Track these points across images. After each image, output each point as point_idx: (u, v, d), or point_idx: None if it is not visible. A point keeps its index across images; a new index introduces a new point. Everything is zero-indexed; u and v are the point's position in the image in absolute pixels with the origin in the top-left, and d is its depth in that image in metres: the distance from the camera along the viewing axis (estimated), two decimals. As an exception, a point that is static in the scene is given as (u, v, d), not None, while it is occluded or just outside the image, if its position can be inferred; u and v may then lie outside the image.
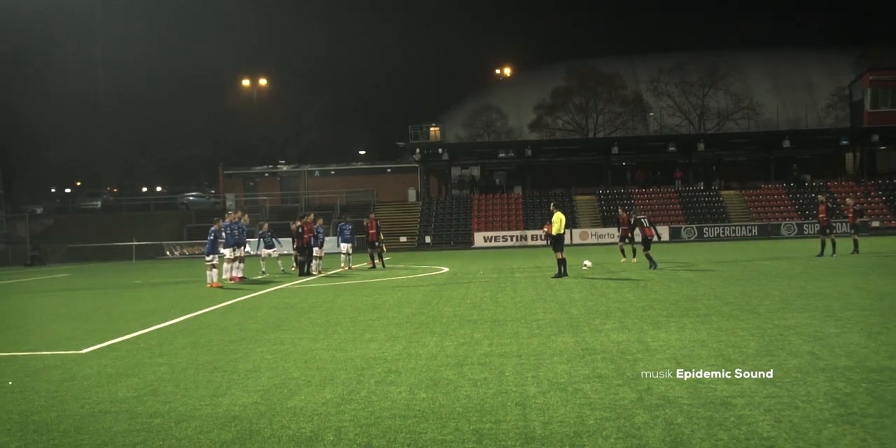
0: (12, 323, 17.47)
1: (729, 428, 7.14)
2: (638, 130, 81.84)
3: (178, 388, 9.31)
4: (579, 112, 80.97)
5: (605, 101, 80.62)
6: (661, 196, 65.93)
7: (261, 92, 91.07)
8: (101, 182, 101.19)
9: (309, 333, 13.56)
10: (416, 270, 31.07)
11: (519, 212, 65.03)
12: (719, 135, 72.59)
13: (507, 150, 70.48)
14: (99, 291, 27.01)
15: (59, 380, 10.07)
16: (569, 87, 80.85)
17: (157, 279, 31.71)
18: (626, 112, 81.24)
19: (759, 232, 58.71)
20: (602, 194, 66.06)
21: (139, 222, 66.95)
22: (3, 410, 8.50)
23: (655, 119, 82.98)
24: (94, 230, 65.20)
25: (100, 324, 16.45)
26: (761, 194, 64.98)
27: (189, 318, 16.72)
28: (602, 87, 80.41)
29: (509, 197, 67.92)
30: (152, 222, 67.02)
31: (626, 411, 7.72)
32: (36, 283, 33.31)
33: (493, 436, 7.11)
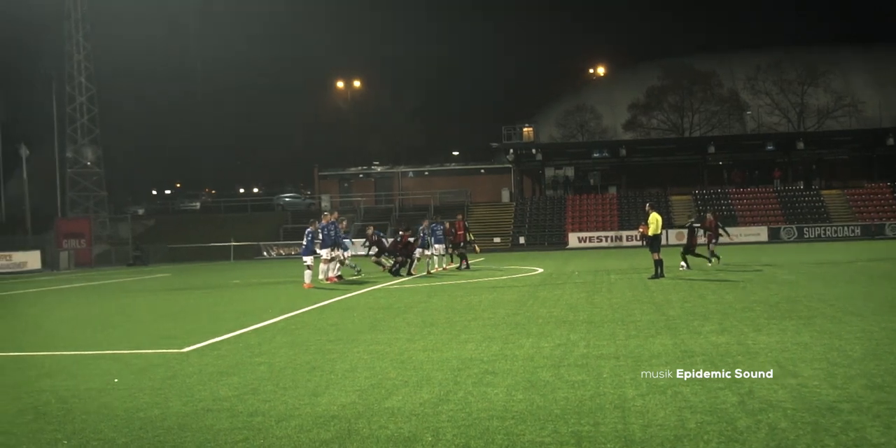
0: (117, 322, 17.90)
1: (835, 433, 6.96)
2: (735, 129, 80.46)
3: (277, 388, 9.43)
4: (674, 111, 79.97)
5: (700, 99, 79.47)
6: (759, 196, 64.75)
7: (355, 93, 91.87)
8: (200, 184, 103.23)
9: (405, 334, 13.62)
10: (511, 271, 31.02)
11: (614, 212, 64.50)
12: (819, 133, 71.00)
13: (601, 150, 70.01)
14: (199, 291, 27.54)
15: (162, 378, 10.28)
16: (663, 85, 79.95)
17: (254, 279, 32.21)
18: (722, 111, 79.94)
19: (863, 232, 57.27)
20: (698, 194, 65.15)
21: (236, 223, 68.15)
22: (111, 407, 8.70)
23: (753, 117, 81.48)
24: (192, 231, 66.61)
25: (200, 323, 16.77)
26: (864, 193, 63.38)
27: (287, 317, 16.94)
28: (698, 85, 79.30)
29: (604, 197, 67.42)
30: (249, 223, 68.17)
31: (728, 415, 7.58)
32: (138, 283, 34.12)
33: (591, 438, 7.05)
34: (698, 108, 79.45)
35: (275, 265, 36.35)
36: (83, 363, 11.69)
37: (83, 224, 63.39)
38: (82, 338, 14.93)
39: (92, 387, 9.81)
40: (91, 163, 73.32)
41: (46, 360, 12.19)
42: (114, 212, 76.78)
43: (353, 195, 73.89)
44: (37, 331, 16.70)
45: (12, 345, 14.18)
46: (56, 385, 9.97)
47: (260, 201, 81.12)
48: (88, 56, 72.21)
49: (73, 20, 71.09)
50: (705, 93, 79.62)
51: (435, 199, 68.94)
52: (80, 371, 11.00)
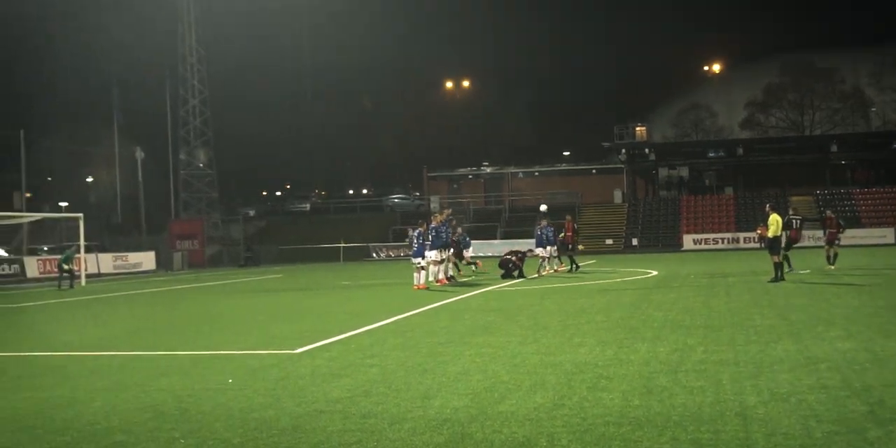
0: (230, 322, 18.28)
1: (974, 446, 6.70)
2: (859, 127, 78.28)
3: (389, 390, 9.50)
4: (794, 109, 78.25)
5: (821, 96, 77.53)
6: (885, 196, 62.83)
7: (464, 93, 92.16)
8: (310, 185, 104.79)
9: (517, 337, 13.59)
10: (624, 273, 30.71)
11: (730, 213, 63.35)
12: (951, 130, 68.58)
13: (716, 150, 68.84)
14: (310, 292, 27.95)
15: (275, 378, 10.45)
16: (782, 82, 78.27)
17: (364, 280, 32.54)
18: (844, 108, 77.85)
19: None
20: (820, 195, 63.52)
21: (346, 224, 68.99)
22: (226, 407, 8.88)
23: (878, 114, 79.14)
24: (302, 232, 67.69)
25: (312, 324, 17.01)
26: None
27: (398, 319, 17.06)
28: (820, 82, 77.37)
29: (720, 198, 66.28)
30: (358, 224, 68.94)
31: (857, 425, 7.35)
32: (250, 284, 34.79)
33: (712, 446, 6.92)
34: (819, 106, 77.50)
35: (384, 266, 36.66)
36: (198, 363, 11.96)
37: (196, 225, 64.94)
38: (197, 338, 15.29)
39: (207, 387, 10.03)
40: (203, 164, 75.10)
41: (163, 359, 12.52)
42: (225, 213, 78.53)
43: (463, 196, 74.11)
44: (154, 331, 17.16)
45: (131, 344, 14.59)
46: (173, 384, 10.22)
47: (369, 202, 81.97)
48: (201, 59, 73.92)
49: (186, 23, 72.88)
50: (827, 89, 77.63)
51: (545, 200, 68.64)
52: (196, 371, 11.26)
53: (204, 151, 75.06)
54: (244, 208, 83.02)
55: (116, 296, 30.21)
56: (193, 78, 73.61)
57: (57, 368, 11.93)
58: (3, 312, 24.49)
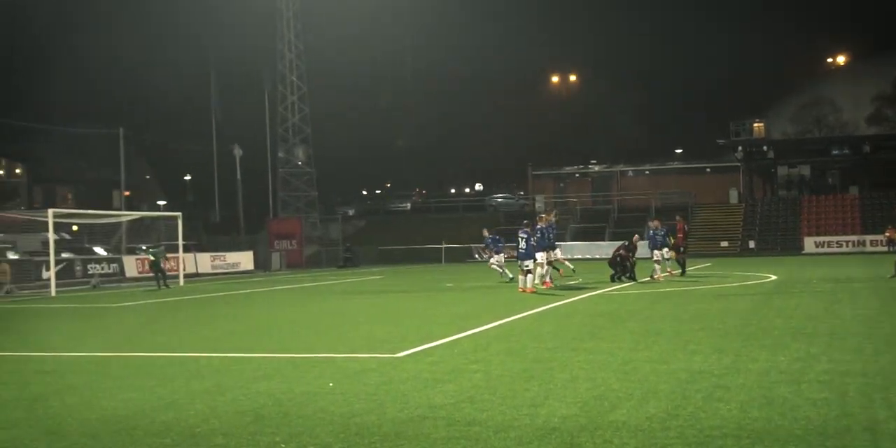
0: (330, 324, 18.51)
1: None
2: None
3: (494, 396, 9.50)
4: (927, 103, 76.03)
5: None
6: None
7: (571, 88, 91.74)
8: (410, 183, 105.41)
9: (627, 343, 13.48)
10: (740, 278, 30.22)
11: (855, 215, 61.82)
12: None
13: (841, 147, 67.24)
14: (411, 294, 28.12)
15: (376, 383, 10.54)
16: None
17: (467, 282, 32.61)
18: (983, 101, 75.42)
19: None
20: (954, 195, 61.58)
21: (447, 224, 69.19)
22: (327, 411, 8.99)
23: None
24: (403, 232, 68.13)
25: (414, 327, 17.11)
26: None
27: (502, 323, 17.06)
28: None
29: (843, 198, 64.72)
30: (460, 224, 69.05)
31: None
32: (349, 285, 35.15)
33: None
34: (955, 100, 75.23)
35: (487, 268, 36.63)
36: (298, 366, 12.13)
37: (294, 224, 65.86)
38: (296, 340, 15.51)
39: (307, 390, 10.16)
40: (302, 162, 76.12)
41: (262, 361, 12.73)
42: (324, 212, 79.46)
43: (569, 195, 73.76)
44: (252, 332, 17.45)
45: (230, 346, 14.86)
46: (273, 388, 10.38)
47: (472, 202, 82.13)
48: (300, 55, 74.96)
49: (285, 19, 73.98)
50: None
51: (656, 200, 67.89)
52: (296, 374, 11.41)
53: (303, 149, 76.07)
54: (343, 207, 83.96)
55: (214, 296, 30.83)
56: (292, 74, 74.68)
57: (157, 369, 12.22)
58: (102, 312, 25.19)
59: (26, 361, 13.57)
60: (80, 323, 21.71)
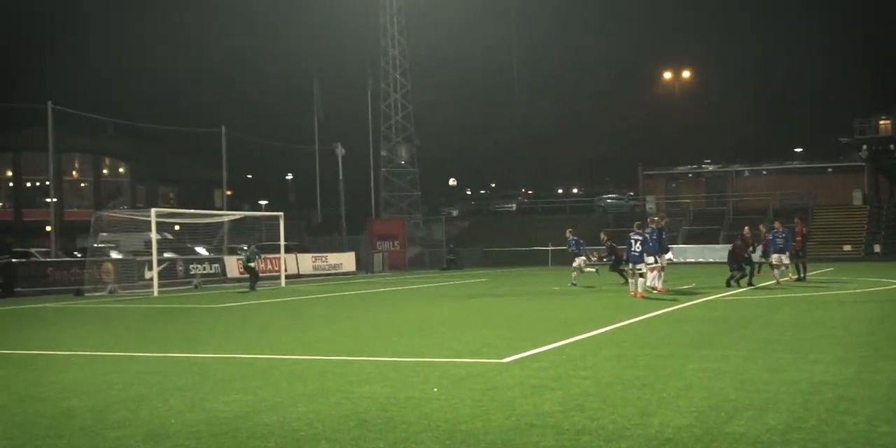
0: (434, 328, 18.59)
1: None
2: None
3: (604, 405, 9.43)
4: None
5: None
6: None
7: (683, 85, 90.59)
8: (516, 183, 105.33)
9: (743, 351, 13.27)
10: (865, 284, 29.52)
11: None
12: None
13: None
14: (517, 298, 28.09)
15: (482, 389, 10.55)
16: None
17: (574, 286, 32.42)
18: None
19: None
20: None
21: (554, 226, 68.81)
22: (431, 418, 9.02)
23: None
24: (508, 233, 68.06)
25: (520, 332, 17.09)
26: None
27: (612, 329, 16.95)
28: None
29: (978, 200, 62.77)
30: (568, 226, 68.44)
31: None
32: (453, 288, 35.25)
33: (974, 481, 6.56)
34: None
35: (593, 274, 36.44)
36: (402, 370, 12.21)
37: (397, 225, 66.31)
38: (400, 344, 15.60)
39: (412, 395, 10.21)
40: (405, 162, 76.65)
41: (366, 365, 12.84)
42: (427, 213, 79.83)
43: (681, 196, 72.89)
44: (355, 335, 17.61)
45: (333, 349, 15.02)
46: (376, 392, 10.47)
47: (579, 202, 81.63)
48: (403, 51, 75.46)
49: (389, 15, 74.55)
50: None
51: (774, 201, 66.64)
52: (400, 378, 11.49)
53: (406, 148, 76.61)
54: (447, 208, 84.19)
55: (316, 298, 31.20)
56: (395, 71, 75.25)
57: (260, 371, 12.42)
58: (204, 313, 25.70)
59: (129, 362, 13.90)
60: (182, 323, 22.17)
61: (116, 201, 78.59)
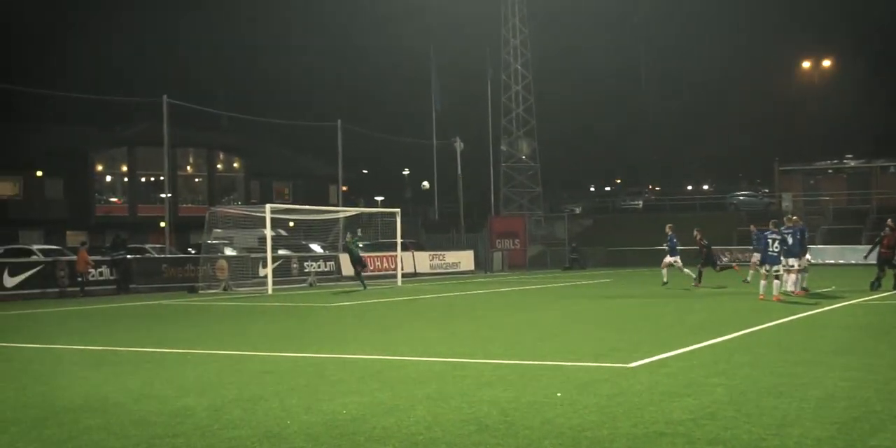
0: (556, 330, 18.55)
1: None
2: None
3: (739, 413, 9.29)
4: None
5: None
6: None
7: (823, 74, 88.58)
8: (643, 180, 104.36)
9: (889, 359, 12.99)
10: None
11: None
12: None
13: None
14: (643, 299, 27.85)
15: (608, 394, 10.49)
16: None
17: (704, 288, 32.03)
18: None
19: None
20: None
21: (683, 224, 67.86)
22: (554, 424, 9.00)
23: None
24: (634, 232, 67.41)
25: (646, 335, 16.95)
26: None
27: (744, 333, 16.70)
28: None
29: None
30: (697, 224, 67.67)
31: None
32: (576, 289, 35.12)
33: None
34: None
35: (725, 274, 35.94)
36: (524, 374, 12.21)
37: (517, 223, 66.30)
38: (521, 346, 15.59)
39: (534, 400, 10.21)
40: (526, 156, 76.63)
41: (486, 368, 12.87)
42: (549, 210, 79.64)
43: (821, 193, 71.29)
44: (474, 337, 17.65)
45: (451, 350, 15.08)
46: (497, 396, 10.48)
47: (710, 200, 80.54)
48: (525, 41, 75.38)
49: (510, 2, 74.54)
50: None
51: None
52: (521, 382, 11.49)
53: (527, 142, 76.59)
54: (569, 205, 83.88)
55: (432, 298, 31.39)
56: (516, 62, 75.26)
57: (377, 373, 12.55)
58: (319, 311, 26.06)
59: (245, 361, 14.18)
60: (297, 322, 22.52)
61: (230, 197, 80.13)
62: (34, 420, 9.55)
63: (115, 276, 37.14)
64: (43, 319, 24.55)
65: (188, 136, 73.26)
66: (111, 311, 27.55)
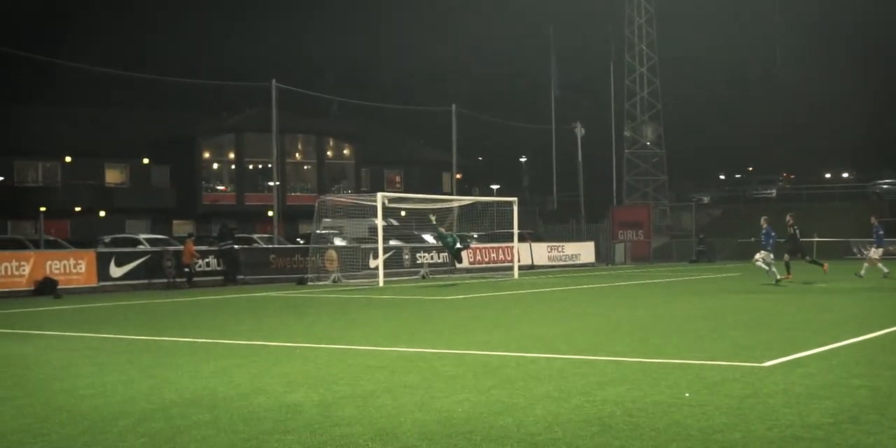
0: (683, 326, 18.34)
1: None
2: None
3: (883, 418, 9.09)
4: None
5: None
6: None
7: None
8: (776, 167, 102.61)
9: None
10: None
11: None
12: None
13: None
14: (775, 295, 27.43)
15: (740, 395, 10.34)
16: None
17: (844, 283, 31.45)
18: None
19: None
20: None
21: (820, 215, 66.75)
22: (682, 425, 8.90)
23: None
24: (766, 223, 66.29)
25: (781, 333, 16.67)
26: None
27: (889, 332, 16.35)
28: None
29: None
30: (836, 215, 66.43)
31: None
32: (704, 283, 34.73)
33: None
34: None
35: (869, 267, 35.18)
36: (648, 372, 12.11)
37: (641, 212, 65.81)
38: (646, 343, 15.45)
39: (659, 400, 10.11)
40: (651, 143, 75.94)
41: (608, 365, 12.79)
42: (675, 199, 78.83)
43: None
44: (594, 332, 17.60)
45: (571, 346, 15.03)
46: (621, 395, 10.41)
47: (850, 189, 78.89)
48: (650, 20, 74.62)
49: (635, -22, 73.84)
50: None
51: None
52: (647, 381, 11.39)
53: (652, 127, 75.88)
54: (697, 194, 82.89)
55: (551, 291, 31.34)
56: (641, 42, 74.55)
57: (493, 370, 12.55)
58: (432, 305, 26.18)
59: (355, 355, 14.31)
60: (408, 316, 22.64)
61: (340, 185, 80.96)
62: (141, 414, 9.77)
63: (222, 267, 37.85)
64: (149, 311, 25.15)
65: (297, 122, 74.18)
66: (218, 302, 28.09)
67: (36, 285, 31.78)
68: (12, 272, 31.74)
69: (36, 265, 32.33)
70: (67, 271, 33.15)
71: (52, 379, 12.28)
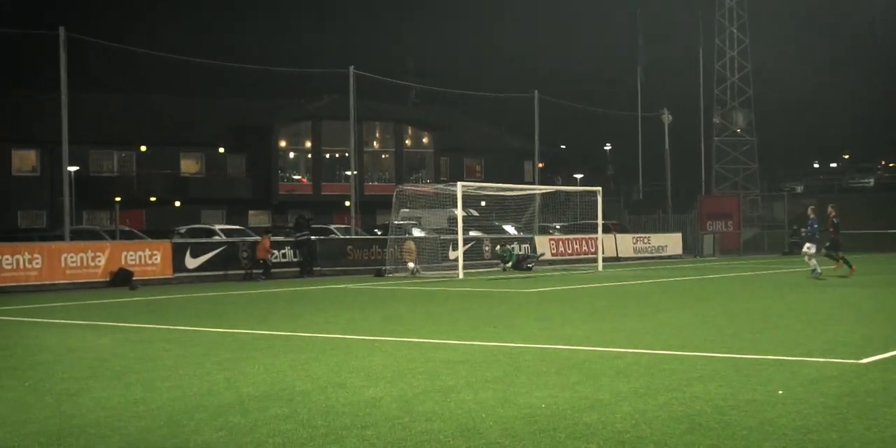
0: (777, 322, 18.13)
1: None
2: None
3: None
4: None
5: None
6: None
7: None
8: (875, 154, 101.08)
9: None
10: None
11: None
12: None
13: None
14: (873, 288, 27.07)
15: (837, 394, 10.20)
16: None
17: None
18: None
19: None
20: None
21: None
22: (776, 424, 8.80)
23: None
24: (864, 213, 65.34)
25: (880, 328, 16.46)
26: None
27: None
28: None
29: None
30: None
31: None
32: (795, 276, 34.28)
33: None
34: None
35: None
36: (740, 368, 11.99)
37: (731, 203, 65.18)
38: (738, 338, 15.32)
39: (752, 398, 10.01)
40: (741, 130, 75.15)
41: (698, 361, 12.67)
42: (767, 188, 77.97)
43: None
44: (681, 326, 17.46)
45: (659, 341, 14.94)
46: (711, 392, 10.32)
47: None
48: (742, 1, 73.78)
49: (725, -42, 73.05)
50: None
51: None
52: (738, 378, 11.28)
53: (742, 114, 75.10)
54: (790, 183, 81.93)
55: (637, 284, 31.19)
56: (732, 25, 73.78)
57: (578, 365, 12.51)
58: (513, 298, 26.16)
59: (435, 349, 14.34)
60: (489, 309, 22.65)
61: (419, 174, 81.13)
62: (219, 407, 9.87)
63: (298, 259, 38.10)
64: (225, 302, 25.43)
65: (375, 110, 74.44)
66: (295, 294, 28.32)
67: (111, 276, 32.24)
68: (88, 263, 32.22)
69: (111, 256, 32.79)
70: (143, 262, 33.58)
71: (128, 371, 12.45)
